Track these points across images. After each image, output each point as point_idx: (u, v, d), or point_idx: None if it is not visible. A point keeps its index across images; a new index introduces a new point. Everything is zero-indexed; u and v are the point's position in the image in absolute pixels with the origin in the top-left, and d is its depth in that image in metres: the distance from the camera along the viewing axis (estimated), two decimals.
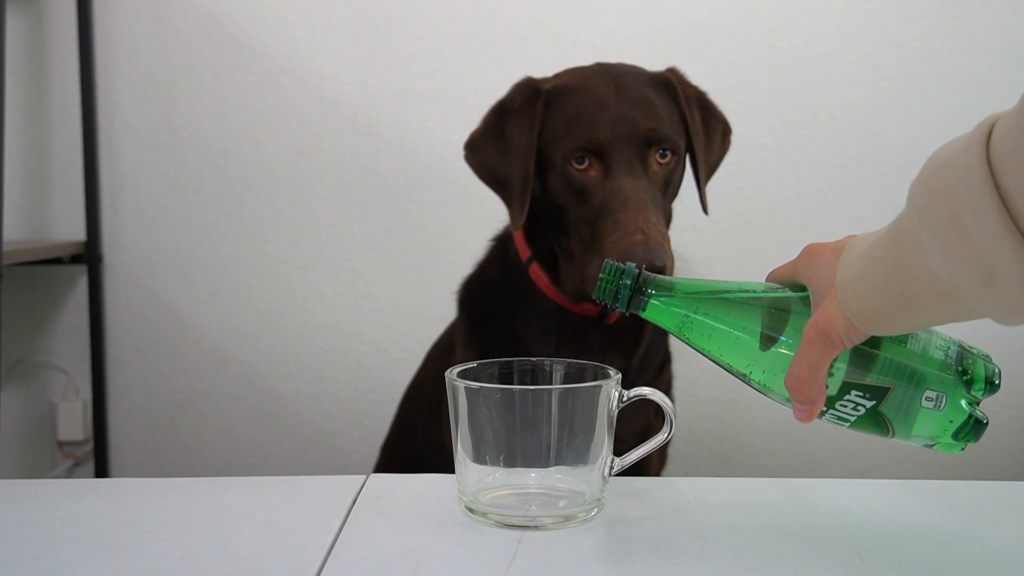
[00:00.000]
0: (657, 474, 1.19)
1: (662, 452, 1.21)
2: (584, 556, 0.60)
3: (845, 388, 0.58)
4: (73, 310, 1.79)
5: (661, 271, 0.91)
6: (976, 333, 0.58)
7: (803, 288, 0.59)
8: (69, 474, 1.83)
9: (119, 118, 1.75)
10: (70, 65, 1.73)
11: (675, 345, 1.21)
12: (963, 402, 0.58)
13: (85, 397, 1.81)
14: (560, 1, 1.69)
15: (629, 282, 0.61)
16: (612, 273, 0.62)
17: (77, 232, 1.76)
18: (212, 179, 1.75)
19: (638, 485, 0.75)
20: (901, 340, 0.57)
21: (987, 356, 0.60)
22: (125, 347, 1.79)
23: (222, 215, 1.75)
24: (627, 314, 0.63)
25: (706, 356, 0.62)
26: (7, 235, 1.48)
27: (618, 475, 0.70)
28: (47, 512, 0.68)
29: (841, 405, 0.58)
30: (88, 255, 1.74)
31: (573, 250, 1.03)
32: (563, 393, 0.66)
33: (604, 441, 0.66)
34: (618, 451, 0.68)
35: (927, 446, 0.59)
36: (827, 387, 0.57)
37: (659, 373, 1.16)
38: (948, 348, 0.58)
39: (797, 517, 0.68)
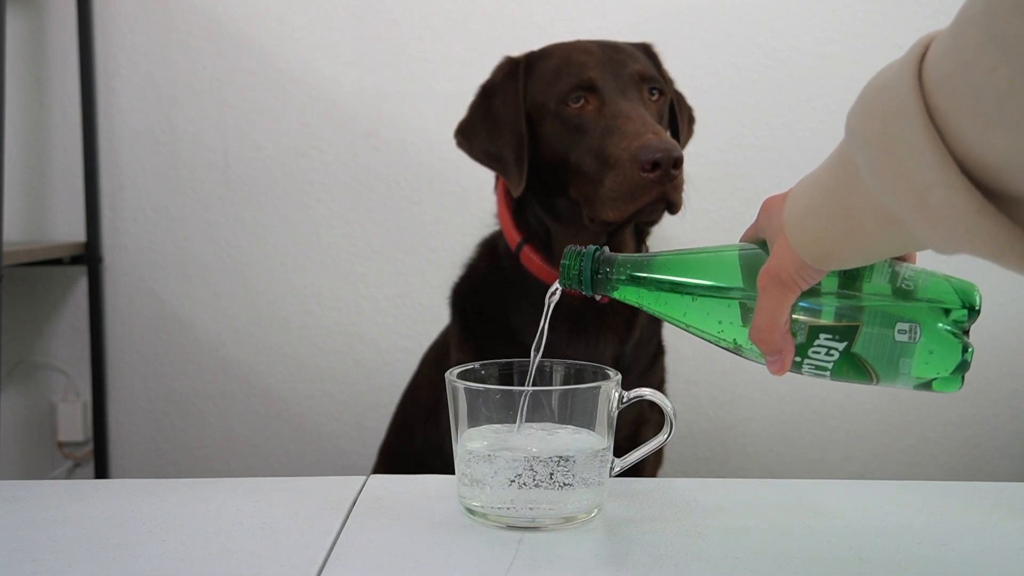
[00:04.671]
0: (653, 475, 1.19)
1: (658, 452, 1.21)
2: (584, 557, 0.60)
3: (813, 333, 0.56)
4: (73, 311, 1.79)
5: (679, 163, 0.95)
6: (976, 330, 0.57)
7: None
8: (69, 475, 1.83)
9: (119, 118, 1.75)
10: (70, 65, 1.73)
11: (668, 339, 1.21)
12: (943, 328, 0.55)
13: (85, 398, 1.81)
14: (560, 3, 1.69)
15: (589, 263, 0.61)
16: (572, 257, 0.62)
17: (77, 233, 1.76)
18: (212, 179, 1.75)
19: (638, 486, 0.75)
20: (862, 276, 0.56)
21: (968, 284, 0.57)
22: (125, 348, 1.79)
23: (222, 215, 1.75)
24: (597, 297, 0.63)
25: (684, 328, 0.61)
26: (7, 236, 1.48)
27: (618, 476, 0.70)
28: (47, 513, 0.68)
29: (813, 352, 0.57)
30: (88, 256, 1.74)
31: (577, 197, 1.04)
32: (563, 394, 0.66)
33: (604, 442, 0.66)
34: (614, 438, 0.68)
35: (922, 387, 0.57)
36: (795, 335, 0.56)
37: (653, 364, 1.16)
38: (916, 277, 0.56)
39: (797, 517, 0.68)
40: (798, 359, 0.57)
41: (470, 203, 1.70)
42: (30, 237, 1.77)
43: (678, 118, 1.14)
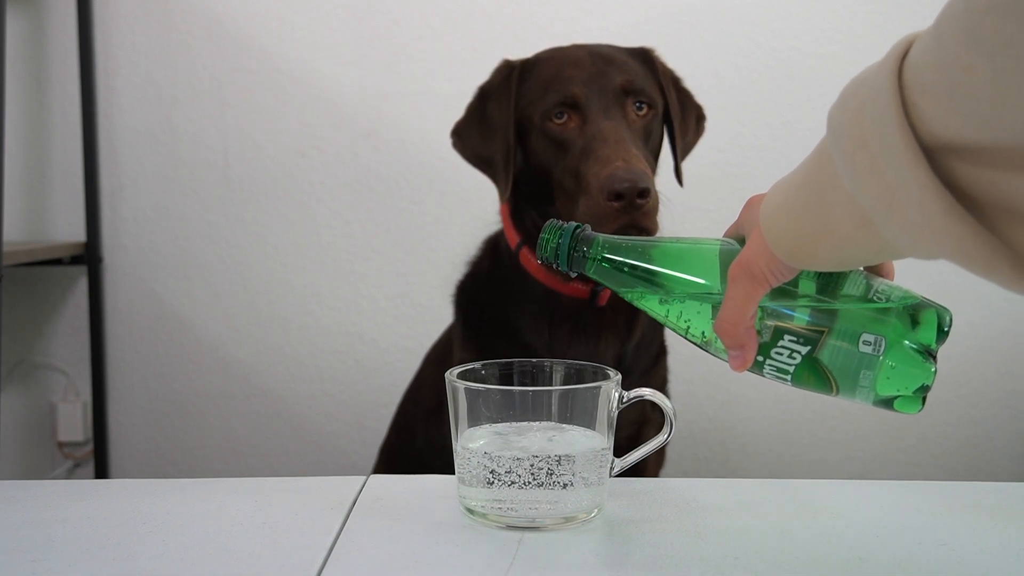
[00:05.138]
0: (655, 474, 1.19)
1: (660, 452, 1.21)
2: (584, 557, 0.60)
3: (778, 334, 0.56)
4: (73, 311, 1.80)
5: (644, 194, 0.94)
6: (975, 330, 0.57)
7: None
8: (69, 475, 1.83)
9: (119, 118, 1.75)
10: (70, 65, 1.73)
11: (671, 340, 1.21)
12: (909, 346, 0.54)
13: (85, 398, 1.81)
14: (560, 3, 1.69)
15: (568, 239, 0.61)
16: (552, 231, 0.62)
17: (77, 233, 1.76)
18: (212, 179, 1.75)
19: (638, 486, 0.75)
20: (835, 283, 0.55)
21: (941, 306, 0.56)
22: (125, 348, 1.79)
23: (222, 215, 1.75)
24: (572, 273, 0.63)
25: (653, 315, 0.61)
26: (7, 236, 1.48)
27: (618, 476, 0.70)
28: (47, 513, 0.68)
29: (776, 353, 0.57)
30: (88, 256, 1.74)
31: (560, 210, 1.04)
32: (563, 394, 0.66)
33: (604, 442, 0.66)
34: (615, 438, 0.68)
35: (882, 404, 0.56)
36: (760, 334, 0.56)
37: (655, 364, 1.16)
38: (890, 292, 0.55)
39: (797, 517, 0.68)
40: (760, 358, 0.57)
41: (470, 203, 1.70)
42: (30, 237, 1.77)
43: (675, 125, 1.12)
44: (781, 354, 0.57)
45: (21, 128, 1.75)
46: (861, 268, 0.57)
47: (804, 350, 0.56)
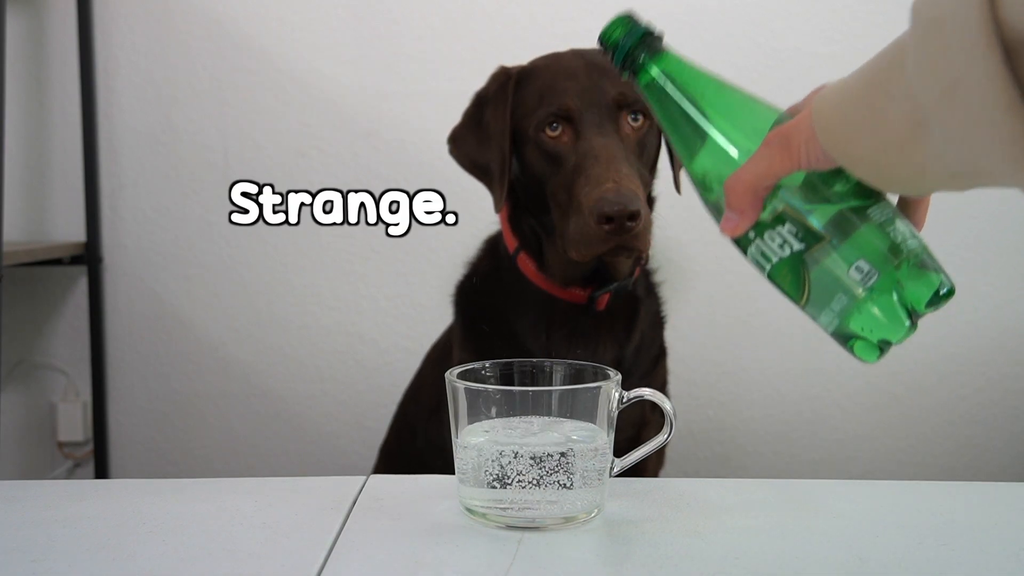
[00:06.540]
0: (655, 475, 1.19)
1: (660, 453, 1.21)
2: (584, 557, 0.60)
3: (781, 218, 0.54)
4: (73, 311, 1.79)
5: (634, 217, 0.94)
6: (976, 330, 0.56)
7: None
8: (69, 475, 1.83)
9: (119, 118, 1.75)
10: (70, 65, 1.73)
11: (671, 341, 1.21)
12: (896, 294, 0.52)
13: (85, 398, 1.81)
14: (560, 3, 1.69)
15: (632, 40, 0.60)
16: (620, 24, 0.61)
17: (77, 233, 1.76)
18: (212, 179, 1.75)
19: (638, 486, 0.75)
20: (861, 199, 0.53)
21: (947, 276, 0.54)
22: (125, 348, 1.79)
23: (222, 215, 1.75)
24: (619, 69, 0.61)
25: (671, 144, 0.60)
26: (7, 235, 1.48)
27: (618, 476, 0.70)
28: (47, 513, 0.68)
29: (769, 236, 0.55)
30: (88, 256, 1.74)
31: (554, 222, 1.03)
32: (563, 394, 0.66)
33: (604, 442, 0.66)
34: (615, 440, 0.68)
35: (840, 337, 0.54)
36: (764, 208, 0.54)
37: (654, 366, 1.16)
38: (908, 237, 0.53)
39: (797, 517, 0.68)
40: (752, 235, 0.56)
41: (470, 203, 1.70)
42: (30, 237, 1.77)
43: None
44: (773, 239, 0.55)
45: (21, 128, 1.75)
46: (893, 202, 0.55)
47: (797, 246, 0.54)
